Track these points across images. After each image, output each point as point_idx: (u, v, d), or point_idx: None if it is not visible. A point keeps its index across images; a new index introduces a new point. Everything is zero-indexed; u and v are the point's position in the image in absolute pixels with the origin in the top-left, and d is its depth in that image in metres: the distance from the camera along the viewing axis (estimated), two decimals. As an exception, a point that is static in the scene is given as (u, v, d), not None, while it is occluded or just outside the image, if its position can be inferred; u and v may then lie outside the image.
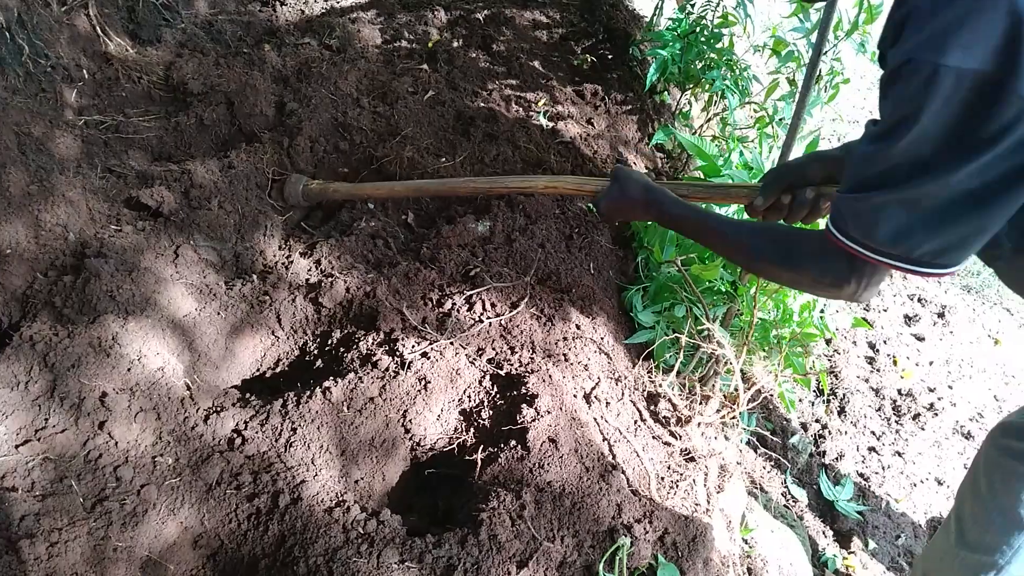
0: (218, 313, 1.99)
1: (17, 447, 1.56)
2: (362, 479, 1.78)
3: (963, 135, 1.02)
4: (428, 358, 1.91)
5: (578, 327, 2.19)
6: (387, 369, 1.88)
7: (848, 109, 4.97)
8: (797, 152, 2.42)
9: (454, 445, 1.89)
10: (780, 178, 1.66)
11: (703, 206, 1.88)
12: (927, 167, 1.06)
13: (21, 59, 2.30)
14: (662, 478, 1.96)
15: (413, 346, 1.94)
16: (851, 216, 1.19)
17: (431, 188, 2.38)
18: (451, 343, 1.97)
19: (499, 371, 1.97)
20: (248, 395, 1.91)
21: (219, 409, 1.79)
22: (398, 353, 1.91)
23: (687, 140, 2.66)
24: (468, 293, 2.12)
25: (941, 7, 1.01)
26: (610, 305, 2.41)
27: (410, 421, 1.83)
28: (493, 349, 2.03)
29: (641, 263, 2.67)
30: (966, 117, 1.01)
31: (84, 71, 2.53)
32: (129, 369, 1.74)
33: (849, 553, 2.51)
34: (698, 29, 2.99)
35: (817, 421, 3.00)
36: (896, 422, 3.04)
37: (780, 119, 2.90)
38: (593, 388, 2.04)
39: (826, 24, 1.97)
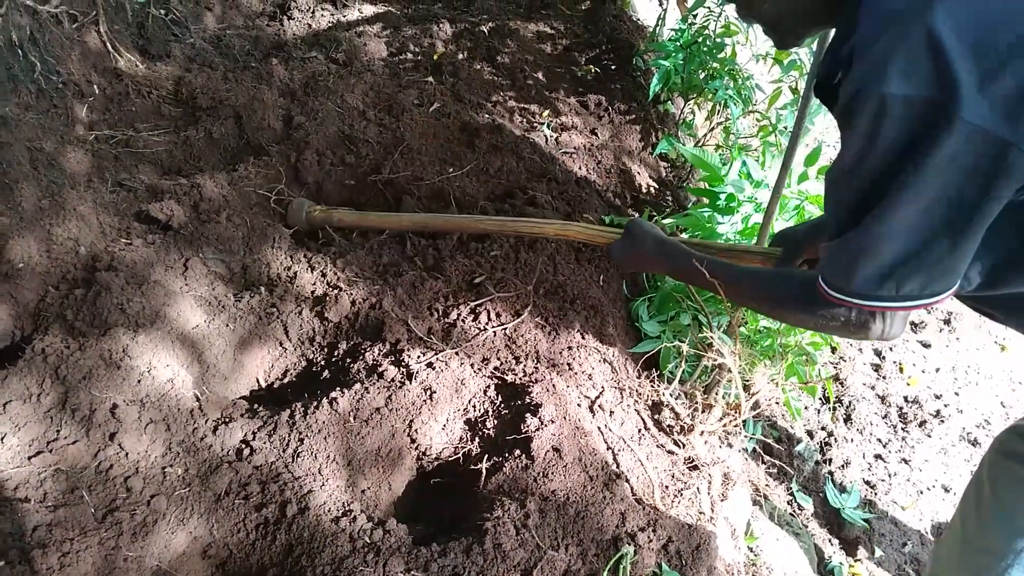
0: (227, 325, 2.02)
1: (30, 459, 1.59)
2: (368, 489, 1.80)
3: (918, 162, 1.03)
4: (433, 368, 1.93)
5: (583, 337, 2.21)
6: (393, 379, 1.90)
7: (853, 116, 4.97)
8: (799, 159, 2.44)
9: (459, 455, 1.91)
10: (796, 249, 1.73)
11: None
12: (888, 198, 1.08)
13: (33, 76, 2.34)
14: (666, 487, 1.98)
15: (419, 356, 1.96)
16: (835, 268, 1.22)
17: (438, 223, 2.39)
18: (456, 353, 2.00)
19: (504, 381, 1.99)
20: (256, 406, 1.93)
21: (227, 420, 1.81)
22: (404, 364, 1.93)
23: (689, 152, 2.68)
24: (473, 304, 2.14)
25: (876, 37, 1.03)
26: (617, 315, 2.43)
27: (416, 431, 1.85)
28: (498, 359, 2.04)
29: (648, 273, 2.69)
30: (917, 143, 1.02)
31: (95, 87, 2.57)
32: (139, 381, 1.77)
33: (855, 561, 2.51)
34: (700, 39, 3.02)
35: (823, 429, 3.00)
36: (902, 429, 3.04)
37: (783, 128, 2.92)
38: (597, 397, 2.06)
39: (827, 33, 1.98)
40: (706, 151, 2.70)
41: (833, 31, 1.28)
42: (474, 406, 1.95)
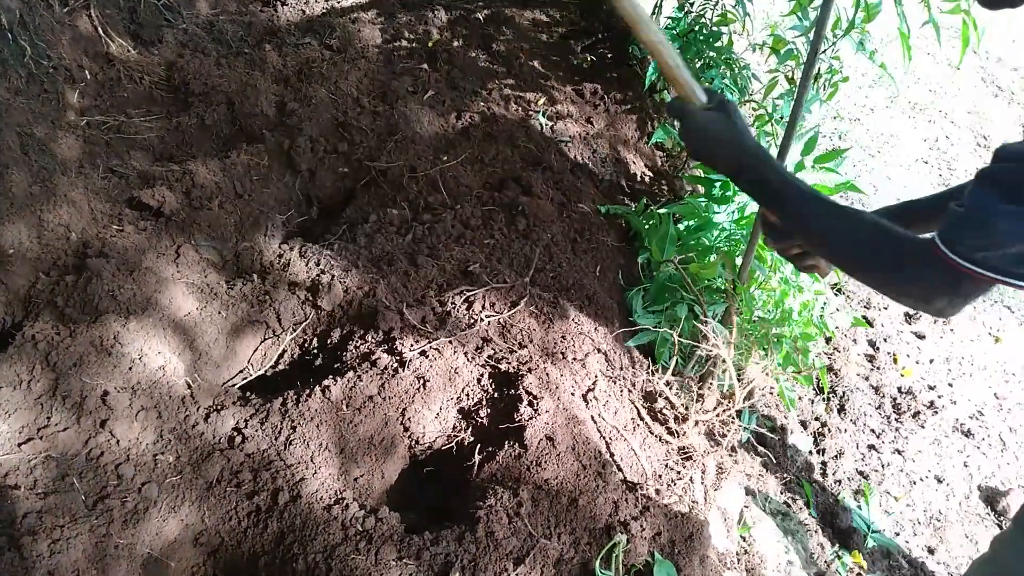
0: (219, 312, 2.01)
1: (20, 445, 1.58)
2: (361, 477, 1.80)
3: None
4: (427, 357, 1.92)
5: (577, 327, 2.20)
6: (386, 368, 1.89)
7: (849, 107, 4.97)
8: (795, 150, 2.43)
9: (452, 443, 1.91)
10: None
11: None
12: None
13: (23, 60, 2.31)
14: (659, 476, 1.98)
15: (412, 345, 1.95)
16: (968, 231, 1.14)
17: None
18: (450, 342, 1.99)
19: (497, 369, 1.98)
20: (248, 394, 1.93)
21: (219, 408, 1.81)
22: (397, 352, 1.93)
23: None
24: (468, 293, 2.13)
25: None
26: (611, 305, 2.43)
27: (409, 419, 1.85)
28: (492, 348, 2.04)
29: (643, 264, 2.68)
30: None
31: (86, 72, 2.54)
32: (130, 368, 1.76)
33: (848, 551, 2.52)
34: (697, 28, 3.00)
35: (817, 419, 3.01)
36: (896, 420, 3.04)
37: (780, 117, 2.91)
38: (591, 387, 2.06)
39: (822, 23, 1.97)
40: None
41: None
42: (467, 395, 1.95)
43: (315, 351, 2.08)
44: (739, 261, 2.47)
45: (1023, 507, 1.71)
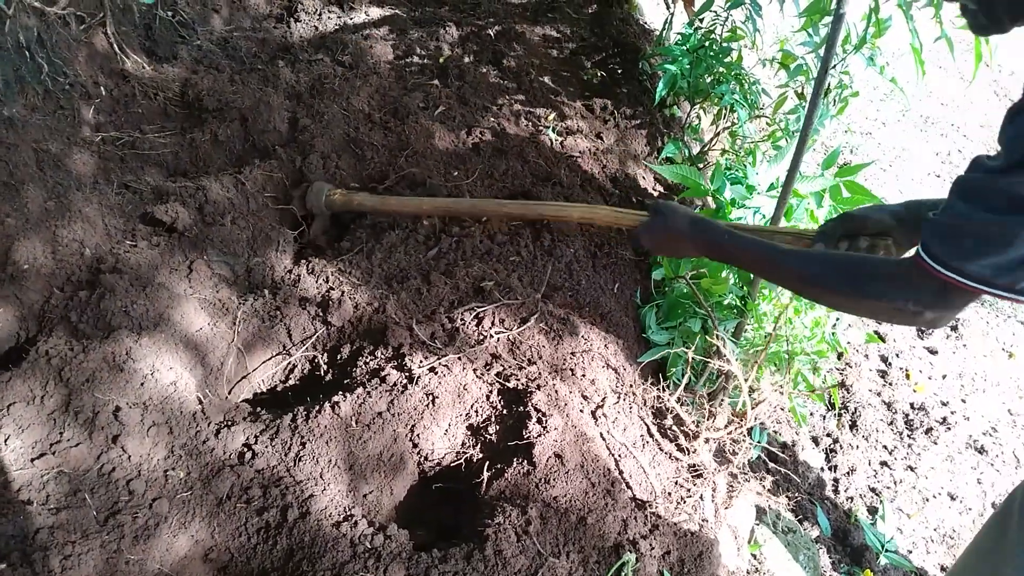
0: (230, 328, 2.02)
1: (32, 461, 1.59)
2: (370, 494, 1.80)
3: None
4: (436, 373, 1.93)
5: (587, 343, 2.20)
6: (395, 384, 1.90)
7: (860, 121, 4.96)
8: (808, 162, 2.42)
9: (461, 460, 1.91)
10: (840, 226, 1.65)
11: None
12: None
13: (40, 77, 2.35)
14: (669, 493, 1.97)
15: (421, 361, 1.95)
16: (950, 242, 1.15)
17: (461, 208, 2.36)
18: (459, 358, 1.99)
19: (506, 386, 1.98)
20: (259, 409, 1.94)
21: (230, 423, 1.81)
22: (406, 368, 1.93)
23: (668, 171, 2.68)
24: (478, 309, 2.13)
25: None
26: (626, 322, 2.42)
27: (418, 436, 1.85)
28: (501, 364, 2.04)
29: (657, 280, 2.68)
30: None
31: (101, 88, 2.58)
32: (142, 384, 1.77)
33: (860, 569, 2.49)
34: (707, 43, 3.00)
35: (828, 435, 2.99)
36: (909, 436, 3.02)
37: (792, 132, 2.90)
38: (600, 404, 2.05)
39: (834, 38, 1.97)
40: (684, 166, 2.70)
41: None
42: (476, 411, 1.95)
43: (325, 367, 2.08)
44: (751, 277, 2.46)
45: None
